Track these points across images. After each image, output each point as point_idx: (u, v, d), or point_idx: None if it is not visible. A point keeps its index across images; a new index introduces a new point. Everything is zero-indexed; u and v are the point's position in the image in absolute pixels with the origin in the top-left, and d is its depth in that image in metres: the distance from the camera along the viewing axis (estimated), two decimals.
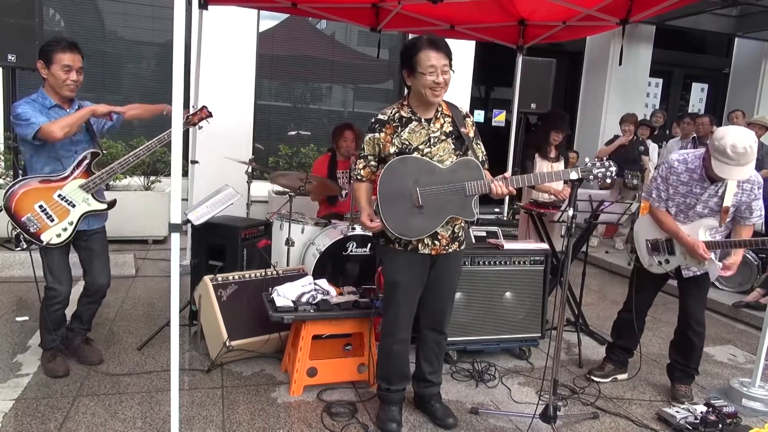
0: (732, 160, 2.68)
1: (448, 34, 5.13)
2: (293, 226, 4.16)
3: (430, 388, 2.88)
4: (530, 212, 4.39)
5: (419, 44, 2.49)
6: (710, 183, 2.93)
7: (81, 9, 6.78)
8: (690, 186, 3.00)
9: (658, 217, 3.14)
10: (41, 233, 2.84)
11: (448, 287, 2.75)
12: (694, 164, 2.97)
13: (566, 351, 3.92)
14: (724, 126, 2.90)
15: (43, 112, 2.84)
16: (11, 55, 4.59)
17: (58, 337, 3.09)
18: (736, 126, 2.82)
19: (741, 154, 2.66)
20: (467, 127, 2.63)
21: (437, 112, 2.61)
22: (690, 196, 3.01)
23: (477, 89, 8.47)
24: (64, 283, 3.00)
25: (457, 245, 2.70)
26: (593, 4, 4.06)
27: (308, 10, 4.84)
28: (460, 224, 2.69)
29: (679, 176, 3.02)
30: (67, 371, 3.06)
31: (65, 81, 2.85)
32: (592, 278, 5.82)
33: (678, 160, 3.03)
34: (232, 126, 6.24)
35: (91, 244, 3.10)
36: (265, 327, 3.26)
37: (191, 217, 3.14)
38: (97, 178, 2.94)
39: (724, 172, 2.72)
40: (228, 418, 2.76)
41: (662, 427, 2.96)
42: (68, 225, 2.90)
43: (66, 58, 2.83)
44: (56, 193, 2.87)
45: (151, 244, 6.12)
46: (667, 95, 9.70)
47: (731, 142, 2.66)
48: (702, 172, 2.93)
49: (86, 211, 2.95)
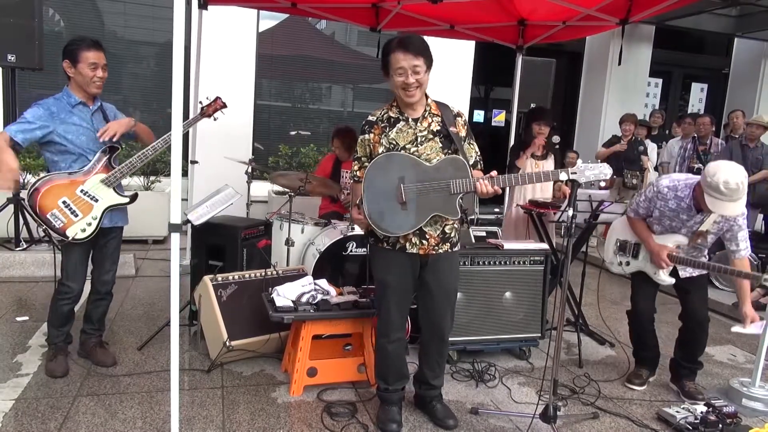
0: (725, 196, 2.73)
1: (448, 34, 5.13)
2: (293, 226, 4.16)
3: (431, 391, 2.88)
4: (530, 212, 4.39)
5: (390, 46, 2.50)
6: (696, 212, 3.01)
7: (81, 9, 6.78)
8: (677, 212, 3.06)
9: (633, 224, 3.29)
10: (66, 228, 2.87)
11: (444, 292, 2.68)
12: (683, 192, 3.01)
13: (566, 351, 3.92)
14: (714, 161, 2.92)
15: (66, 110, 2.93)
16: (11, 55, 4.59)
17: (62, 333, 3.14)
18: (727, 161, 2.86)
19: (734, 190, 2.71)
20: (457, 126, 2.61)
21: (425, 112, 2.61)
22: (676, 221, 3.10)
23: (477, 89, 8.47)
24: (78, 281, 3.06)
25: (448, 246, 2.64)
26: (593, 4, 4.06)
27: (308, 10, 4.84)
28: (452, 225, 2.65)
29: (667, 202, 3.07)
30: (65, 372, 3.07)
31: (92, 78, 2.93)
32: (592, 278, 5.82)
33: (668, 186, 3.07)
34: (232, 126, 6.22)
35: (108, 244, 3.17)
36: (265, 327, 3.26)
37: (191, 217, 3.15)
38: (118, 172, 2.99)
39: (717, 207, 2.78)
40: (228, 418, 2.76)
41: (662, 427, 2.96)
42: (92, 220, 2.94)
43: (92, 56, 2.91)
44: (79, 189, 2.90)
45: (151, 244, 6.12)
46: (666, 95, 9.70)
47: (724, 179, 2.70)
48: (690, 202, 2.99)
49: (109, 205, 2.99)
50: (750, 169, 5.92)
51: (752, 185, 5.87)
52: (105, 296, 3.25)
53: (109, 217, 3.04)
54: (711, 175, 2.75)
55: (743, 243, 3.05)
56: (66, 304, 3.07)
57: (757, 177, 5.88)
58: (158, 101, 7.19)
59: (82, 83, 2.94)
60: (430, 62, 2.51)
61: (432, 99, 2.66)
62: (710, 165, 2.83)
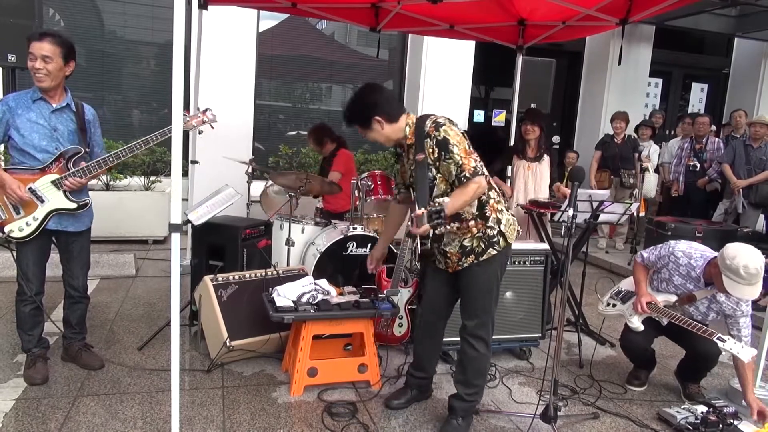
0: (744, 280, 2.75)
1: (448, 34, 5.13)
2: (293, 226, 4.16)
3: (452, 400, 2.81)
4: (530, 212, 4.39)
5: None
6: (705, 285, 3.03)
7: (81, 9, 6.78)
8: (686, 281, 3.10)
9: (635, 267, 3.34)
10: (5, 224, 2.81)
11: (470, 298, 2.71)
12: (697, 262, 3.04)
13: (566, 351, 3.92)
14: (733, 244, 2.89)
15: (25, 105, 2.84)
16: (11, 55, 4.59)
17: (34, 337, 3.05)
18: (745, 246, 2.84)
19: (753, 275, 2.73)
20: (426, 150, 2.55)
21: (406, 141, 2.66)
22: (681, 289, 3.13)
23: (477, 89, 8.47)
24: (34, 281, 2.95)
25: (473, 258, 2.62)
26: (593, 4, 4.06)
27: (308, 10, 4.84)
28: (472, 236, 2.61)
29: (678, 267, 3.10)
30: (45, 379, 2.99)
31: (34, 70, 2.81)
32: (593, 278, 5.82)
33: (684, 252, 3.09)
34: (232, 126, 6.23)
35: (69, 248, 3.07)
36: (266, 327, 3.26)
37: (191, 217, 3.14)
38: (71, 175, 2.87)
39: (735, 290, 2.79)
40: (228, 418, 2.76)
41: (662, 427, 2.96)
42: (33, 220, 2.84)
43: (34, 47, 2.79)
44: (28, 186, 2.82)
45: (151, 244, 6.11)
46: (666, 95, 9.69)
47: (744, 263, 2.73)
48: (700, 273, 3.02)
49: (55, 208, 2.88)
50: (753, 169, 5.92)
51: (755, 185, 5.87)
52: (80, 299, 3.17)
53: (57, 221, 2.91)
54: (731, 258, 2.77)
55: (745, 329, 3.04)
56: (26, 305, 2.97)
57: (760, 177, 5.88)
58: (158, 101, 7.19)
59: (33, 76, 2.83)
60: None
61: (414, 119, 2.66)
62: (728, 248, 2.83)
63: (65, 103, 2.95)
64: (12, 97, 2.86)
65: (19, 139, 2.82)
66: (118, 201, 5.82)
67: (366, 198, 4.33)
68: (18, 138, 2.82)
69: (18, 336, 3.10)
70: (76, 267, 3.11)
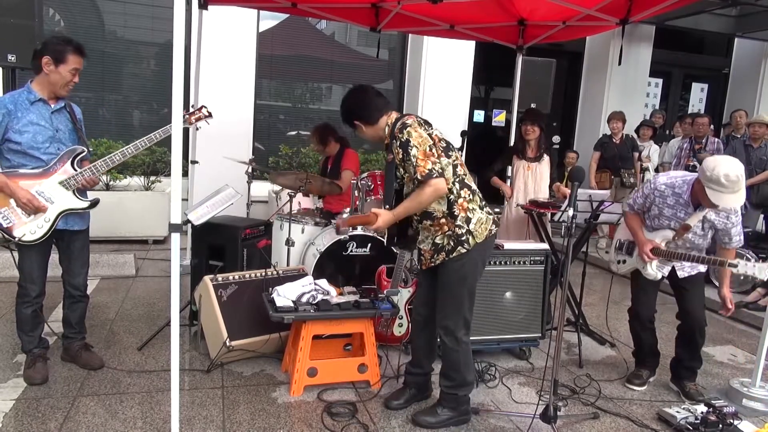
0: (726, 188, 2.76)
1: (448, 34, 5.13)
2: (293, 226, 4.16)
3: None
4: (530, 212, 4.39)
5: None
6: (694, 209, 3.04)
7: (81, 9, 6.78)
8: (675, 210, 3.10)
9: (627, 218, 3.34)
10: (14, 228, 2.78)
11: (442, 294, 2.77)
12: (681, 189, 3.06)
13: (566, 351, 3.92)
14: (711, 156, 3.00)
15: (24, 107, 2.82)
16: (11, 55, 4.58)
17: (34, 338, 3.04)
18: (724, 155, 2.92)
19: (734, 182, 2.74)
20: (394, 150, 2.65)
21: (385, 141, 2.75)
22: (674, 220, 3.12)
23: (477, 89, 8.47)
24: (36, 283, 2.95)
25: (443, 255, 2.70)
26: (593, 4, 4.06)
27: (308, 10, 4.84)
28: (443, 234, 2.68)
29: (665, 199, 3.11)
30: (44, 379, 2.99)
31: (69, 82, 2.87)
32: (593, 278, 5.82)
33: (665, 184, 3.12)
34: (232, 126, 6.24)
35: (71, 246, 3.07)
36: (266, 327, 3.26)
37: (191, 217, 3.14)
38: (78, 176, 2.89)
39: (719, 200, 2.80)
40: (228, 418, 2.76)
41: (662, 427, 2.96)
42: (44, 222, 2.83)
43: (77, 62, 2.86)
44: (34, 189, 2.80)
45: (151, 244, 6.11)
46: (666, 95, 9.70)
47: (724, 172, 2.74)
48: (688, 198, 3.03)
49: (65, 208, 2.89)
50: (754, 169, 5.92)
51: (756, 186, 5.87)
52: (80, 299, 3.17)
53: (65, 221, 2.92)
54: (710, 170, 2.78)
55: (736, 237, 3.10)
56: (27, 307, 2.96)
57: (761, 177, 5.87)
58: (158, 101, 7.19)
59: (56, 83, 2.84)
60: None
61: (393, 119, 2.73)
62: (707, 160, 2.87)
63: (62, 104, 2.97)
64: (8, 99, 2.83)
65: (20, 142, 2.80)
66: (118, 201, 5.82)
67: (366, 198, 4.33)
68: (19, 140, 2.79)
69: (18, 336, 3.10)
70: (77, 265, 3.11)
